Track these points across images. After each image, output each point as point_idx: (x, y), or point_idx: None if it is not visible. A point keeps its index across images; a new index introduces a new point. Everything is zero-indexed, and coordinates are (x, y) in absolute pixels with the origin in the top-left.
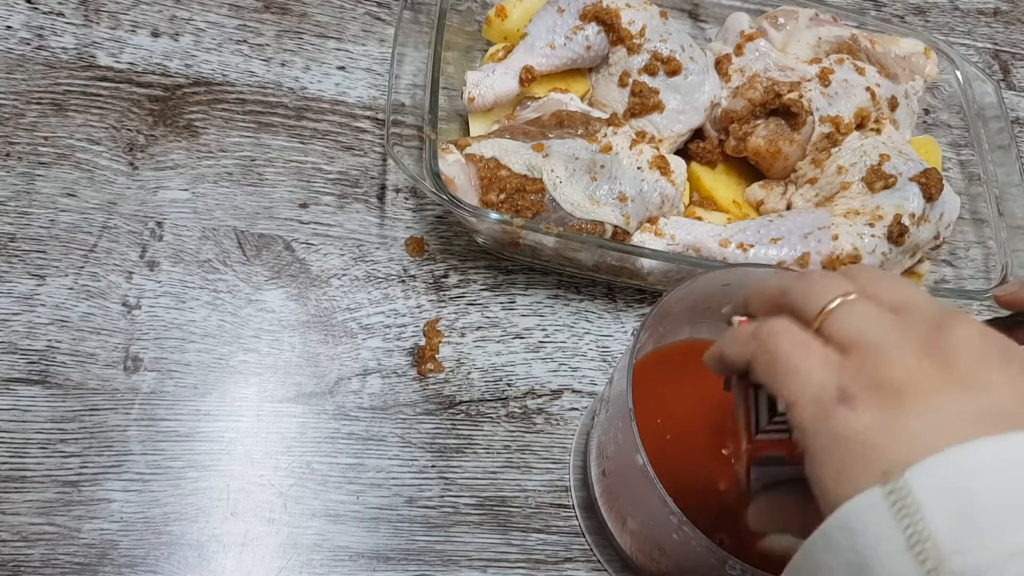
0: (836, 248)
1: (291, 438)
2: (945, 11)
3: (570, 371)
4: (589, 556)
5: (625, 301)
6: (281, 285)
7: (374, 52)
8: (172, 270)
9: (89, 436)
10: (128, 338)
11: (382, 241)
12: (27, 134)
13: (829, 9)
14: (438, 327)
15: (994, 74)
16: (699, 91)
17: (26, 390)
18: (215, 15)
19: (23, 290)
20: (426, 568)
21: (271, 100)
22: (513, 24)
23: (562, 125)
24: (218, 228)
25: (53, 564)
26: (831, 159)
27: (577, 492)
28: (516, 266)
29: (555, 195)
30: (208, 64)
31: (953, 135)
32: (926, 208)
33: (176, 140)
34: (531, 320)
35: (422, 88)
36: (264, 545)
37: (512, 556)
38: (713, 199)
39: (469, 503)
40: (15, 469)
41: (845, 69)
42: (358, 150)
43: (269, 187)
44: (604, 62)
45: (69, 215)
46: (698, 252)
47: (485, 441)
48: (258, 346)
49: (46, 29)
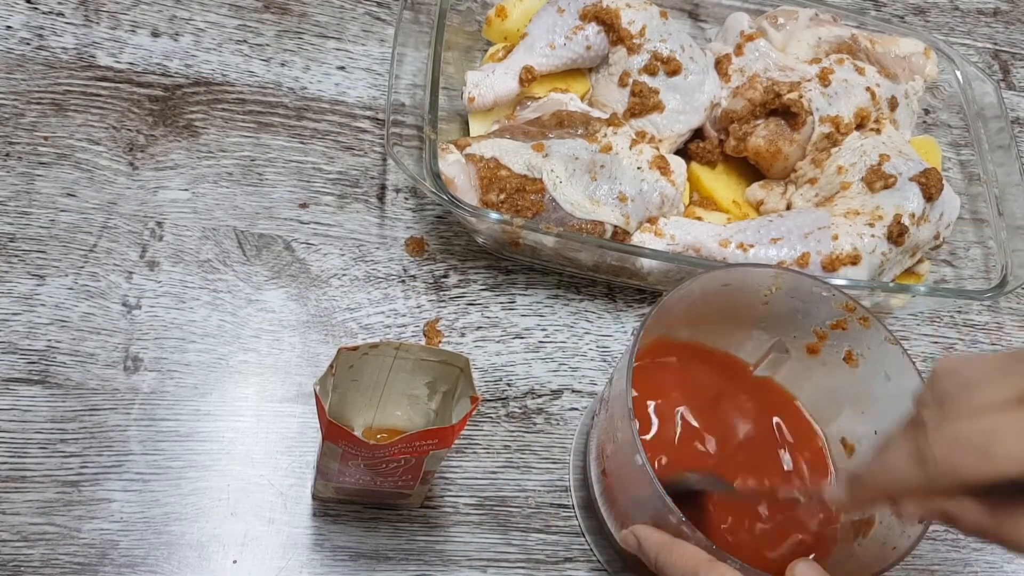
0: (836, 248)
1: (291, 438)
2: (945, 11)
3: (570, 371)
4: (589, 556)
5: (625, 301)
6: (281, 285)
7: (374, 52)
8: (172, 270)
9: (89, 436)
10: (128, 338)
11: (382, 241)
12: (27, 134)
13: (829, 9)
14: (438, 327)
15: (994, 74)
16: (699, 91)
17: (26, 390)
18: (215, 15)
19: (23, 290)
20: (426, 568)
21: (271, 100)
22: (513, 24)
23: (562, 125)
24: (218, 228)
25: (53, 564)
26: (831, 159)
27: (577, 492)
28: (516, 266)
29: (555, 195)
30: (208, 64)
31: (953, 135)
32: (926, 208)
33: (176, 140)
34: (531, 320)
35: (422, 88)
36: (264, 545)
37: (512, 556)
38: (713, 199)
39: (469, 503)
40: (15, 469)
41: (845, 69)
42: (358, 150)
43: (269, 187)
44: (604, 62)
45: (69, 215)
46: (698, 252)
47: (485, 441)
48: (258, 346)
49: (46, 29)
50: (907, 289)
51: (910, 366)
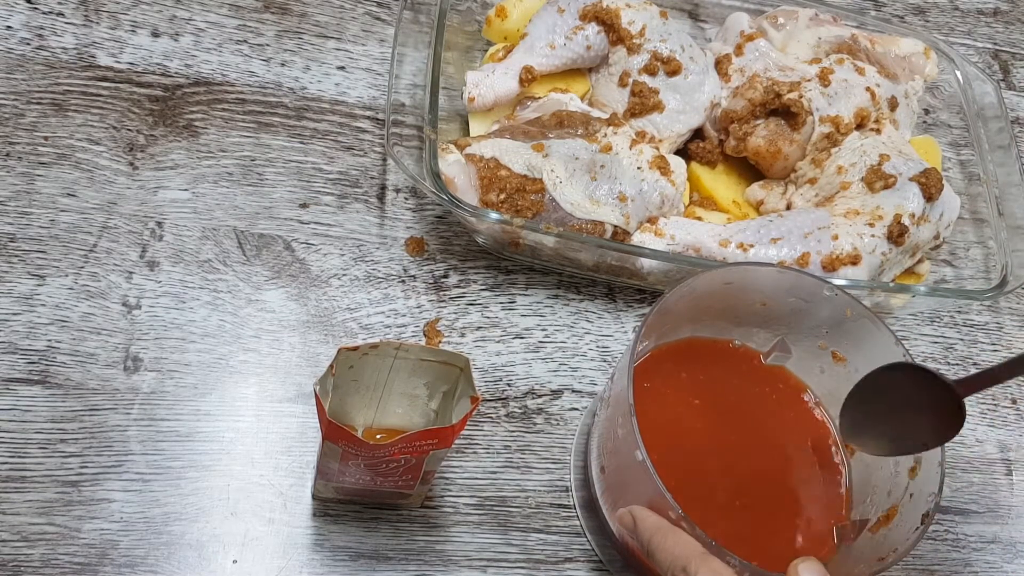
0: (836, 248)
1: (291, 438)
2: (945, 11)
3: (570, 371)
4: (590, 556)
5: (625, 301)
6: (281, 285)
7: (374, 52)
8: (172, 270)
9: (89, 436)
10: (128, 338)
11: (382, 241)
12: (27, 134)
13: (829, 9)
14: (438, 327)
15: (994, 74)
16: (699, 91)
17: (26, 390)
18: (215, 15)
19: (23, 290)
20: (426, 568)
21: (271, 100)
22: (513, 24)
23: (562, 125)
24: (218, 228)
25: (53, 564)
26: (831, 159)
27: (578, 492)
28: (516, 266)
29: (555, 195)
30: (208, 64)
31: (953, 135)
32: (926, 208)
33: (176, 140)
34: (531, 320)
35: (422, 88)
36: (264, 545)
37: (512, 556)
38: (713, 199)
39: (469, 503)
40: (15, 469)
41: (845, 69)
42: (358, 150)
43: (269, 187)
44: (604, 62)
45: (69, 215)
46: (698, 252)
47: (485, 441)
48: (258, 346)
49: (46, 29)
50: (907, 289)
51: None
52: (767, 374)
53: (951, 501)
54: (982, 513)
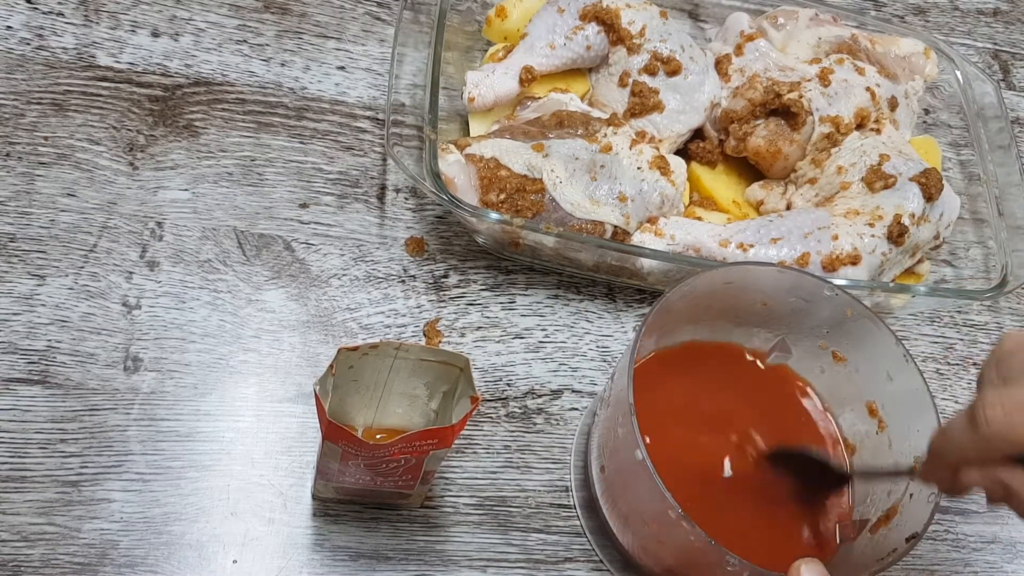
0: (836, 248)
1: (291, 438)
2: (945, 11)
3: (570, 371)
4: (590, 555)
5: (625, 301)
6: (281, 285)
7: (374, 52)
8: (172, 270)
9: (89, 436)
10: (128, 338)
11: (382, 241)
12: (27, 134)
13: (829, 9)
14: (438, 327)
15: (994, 74)
16: (699, 91)
17: (26, 390)
18: (215, 15)
19: (23, 290)
20: (426, 568)
21: (271, 100)
22: (513, 24)
23: (562, 125)
24: (218, 228)
25: (53, 564)
26: (831, 159)
27: (578, 492)
28: (516, 266)
29: (555, 195)
30: (208, 64)
31: (953, 135)
32: (926, 208)
33: (176, 140)
34: (531, 320)
35: (422, 88)
36: (264, 545)
37: (512, 556)
38: (713, 199)
39: (469, 503)
40: (15, 469)
41: (845, 69)
42: (358, 150)
43: (269, 187)
44: (604, 62)
45: (69, 215)
46: (698, 252)
47: (485, 441)
48: (258, 346)
49: (46, 29)
50: (907, 289)
51: (912, 366)
52: (768, 374)
53: (951, 501)
54: (982, 513)
